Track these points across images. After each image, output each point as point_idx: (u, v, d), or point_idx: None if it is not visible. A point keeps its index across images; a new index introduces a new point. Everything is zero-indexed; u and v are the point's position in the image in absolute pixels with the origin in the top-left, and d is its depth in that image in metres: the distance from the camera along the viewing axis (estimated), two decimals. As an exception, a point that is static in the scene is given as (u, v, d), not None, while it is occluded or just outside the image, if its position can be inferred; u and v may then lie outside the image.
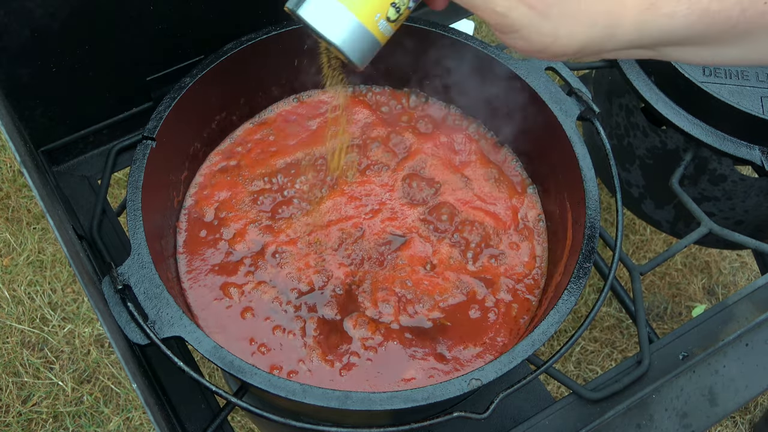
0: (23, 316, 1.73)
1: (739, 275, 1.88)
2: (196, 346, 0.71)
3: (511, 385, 0.75)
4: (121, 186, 1.87)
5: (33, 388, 1.65)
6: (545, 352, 1.68)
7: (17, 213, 1.87)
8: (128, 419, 1.63)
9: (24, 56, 0.89)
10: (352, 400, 0.69)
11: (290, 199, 0.95)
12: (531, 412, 0.89)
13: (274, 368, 0.82)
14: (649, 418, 0.88)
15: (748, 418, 1.70)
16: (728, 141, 1.08)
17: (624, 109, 1.28)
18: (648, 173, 1.31)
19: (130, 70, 0.99)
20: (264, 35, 0.92)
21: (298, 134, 1.00)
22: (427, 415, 0.72)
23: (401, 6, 0.62)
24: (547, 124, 0.90)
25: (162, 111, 0.86)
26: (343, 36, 0.62)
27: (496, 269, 0.91)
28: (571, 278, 0.78)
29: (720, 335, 0.93)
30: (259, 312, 0.86)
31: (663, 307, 1.82)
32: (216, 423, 0.84)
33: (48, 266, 1.79)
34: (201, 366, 1.63)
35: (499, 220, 0.94)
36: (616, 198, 0.86)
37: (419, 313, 0.86)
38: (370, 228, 0.92)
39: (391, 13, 0.62)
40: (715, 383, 0.91)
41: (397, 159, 0.98)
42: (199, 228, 0.92)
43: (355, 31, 0.62)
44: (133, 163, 0.82)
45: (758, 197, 1.21)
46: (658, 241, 1.90)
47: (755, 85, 1.11)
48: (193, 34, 0.99)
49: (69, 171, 1.04)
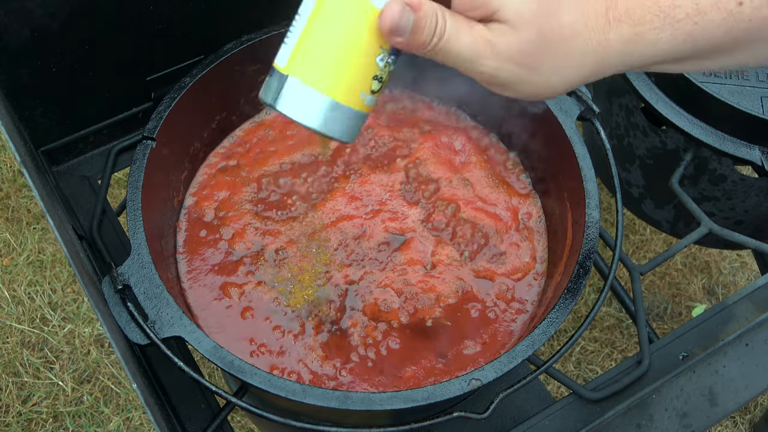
0: (23, 316, 1.73)
1: (739, 275, 1.88)
2: (196, 346, 0.71)
3: (511, 385, 0.75)
4: (121, 186, 1.87)
5: (33, 388, 1.65)
6: (545, 352, 1.68)
7: (17, 213, 1.87)
8: (128, 419, 1.63)
9: (24, 56, 0.89)
10: (352, 400, 0.69)
11: (290, 199, 0.95)
12: (531, 412, 0.89)
13: (274, 368, 0.82)
14: (649, 418, 0.88)
15: (748, 418, 1.70)
16: (728, 141, 1.08)
17: (624, 109, 1.28)
18: (648, 173, 1.31)
19: (130, 70, 0.99)
20: (264, 35, 0.92)
21: (298, 134, 1.00)
22: (427, 415, 0.72)
23: (383, 75, 0.60)
24: (547, 124, 0.90)
25: (162, 111, 0.86)
26: (330, 123, 0.60)
27: (496, 269, 0.91)
28: (571, 278, 0.78)
29: (720, 335, 0.93)
30: (259, 312, 0.86)
31: (663, 307, 1.82)
32: (216, 423, 0.84)
33: (48, 266, 1.79)
34: (201, 366, 1.63)
35: (498, 220, 0.94)
36: (616, 198, 0.86)
37: (419, 313, 0.86)
38: (370, 228, 0.92)
39: (375, 85, 0.60)
40: (715, 383, 0.91)
41: (398, 159, 0.98)
42: (199, 228, 0.92)
43: (341, 114, 0.60)
44: (133, 163, 0.82)
45: (758, 197, 1.21)
46: (658, 241, 1.90)
47: (755, 85, 1.11)
48: (193, 34, 0.99)
49: (69, 171, 1.04)
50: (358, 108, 0.60)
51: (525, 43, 0.55)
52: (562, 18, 0.55)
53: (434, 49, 0.55)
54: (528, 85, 0.57)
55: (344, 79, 0.58)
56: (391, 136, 1.00)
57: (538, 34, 0.55)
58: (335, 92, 0.58)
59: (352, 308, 0.87)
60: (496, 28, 0.55)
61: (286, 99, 0.59)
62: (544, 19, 0.55)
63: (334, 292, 0.88)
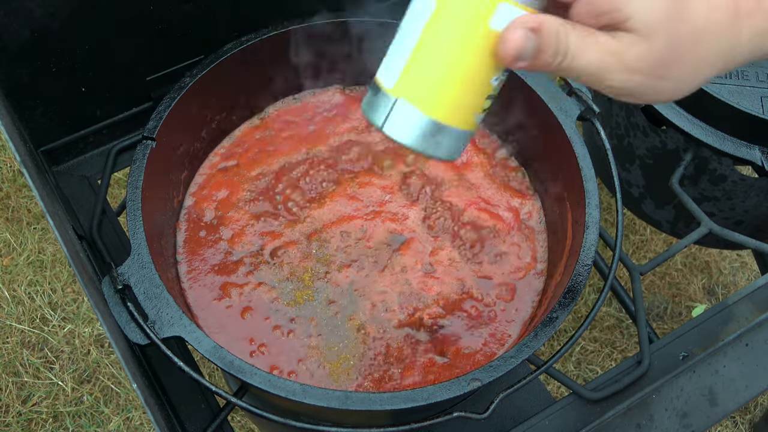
0: (23, 316, 1.73)
1: (739, 275, 1.88)
2: (196, 346, 0.71)
3: (511, 385, 0.75)
4: (121, 186, 1.87)
5: (33, 388, 1.65)
6: (545, 352, 1.68)
7: (17, 213, 1.87)
8: (128, 419, 1.63)
9: (24, 56, 0.89)
10: (352, 400, 0.69)
11: (290, 199, 0.94)
12: (531, 412, 0.89)
13: (274, 368, 0.82)
14: (649, 418, 0.88)
15: (748, 418, 1.70)
16: (728, 141, 1.08)
17: (624, 109, 1.28)
18: (648, 173, 1.31)
19: (130, 70, 0.99)
20: (264, 35, 0.92)
21: (298, 134, 1.00)
22: (427, 415, 0.72)
23: (496, 93, 0.56)
24: (547, 124, 0.90)
25: (162, 111, 0.86)
26: (443, 148, 0.57)
27: (496, 269, 0.91)
28: (571, 278, 0.78)
29: (720, 335, 0.93)
30: (259, 312, 0.86)
31: (663, 307, 1.82)
32: (216, 423, 0.84)
33: (48, 266, 1.79)
34: (201, 366, 1.63)
35: (499, 220, 0.94)
36: (616, 198, 0.86)
37: (418, 313, 0.86)
38: (370, 228, 0.92)
39: (486, 104, 0.57)
40: (715, 383, 0.91)
41: (398, 160, 0.98)
42: (199, 228, 0.92)
43: (454, 138, 0.57)
44: (133, 163, 0.82)
45: (758, 197, 1.21)
46: (658, 241, 1.90)
47: (755, 85, 1.11)
48: (193, 34, 0.99)
49: (69, 171, 1.04)
50: (470, 128, 0.58)
51: (655, 53, 0.52)
52: (690, 19, 0.52)
53: (558, 67, 0.52)
54: (656, 92, 0.54)
55: (460, 105, 0.56)
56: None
57: (669, 42, 0.52)
58: (451, 118, 0.56)
59: (352, 308, 0.87)
60: (624, 39, 0.51)
61: (396, 123, 0.56)
62: (674, 23, 0.51)
63: (334, 293, 0.88)
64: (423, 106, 0.55)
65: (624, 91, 0.54)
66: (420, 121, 0.56)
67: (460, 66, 0.54)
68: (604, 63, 0.52)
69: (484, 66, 0.54)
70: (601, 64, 0.52)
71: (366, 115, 0.59)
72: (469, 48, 0.53)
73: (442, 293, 0.88)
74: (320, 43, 0.95)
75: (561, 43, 0.51)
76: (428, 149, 0.57)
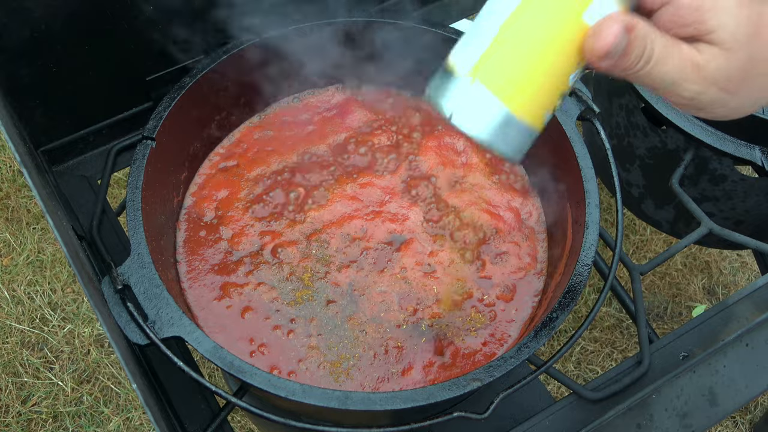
0: (23, 316, 1.73)
1: (739, 275, 1.88)
2: (196, 346, 0.71)
3: (511, 385, 0.75)
4: (121, 186, 1.87)
5: (33, 388, 1.65)
6: (545, 352, 1.68)
7: (17, 213, 1.87)
8: (128, 419, 1.62)
9: (24, 56, 0.89)
10: (352, 400, 0.69)
11: (290, 199, 0.94)
12: (531, 412, 0.89)
13: (274, 368, 0.82)
14: (649, 418, 0.88)
15: (748, 418, 1.70)
16: (728, 141, 1.08)
17: (624, 109, 1.28)
18: (648, 173, 1.31)
19: (130, 70, 0.99)
20: (264, 35, 0.92)
21: (297, 134, 1.00)
22: (427, 415, 0.72)
23: (568, 92, 0.53)
24: (547, 124, 0.90)
25: (162, 111, 0.86)
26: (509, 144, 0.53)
27: (496, 269, 0.91)
28: (571, 278, 0.78)
29: (720, 335, 0.93)
30: (259, 312, 0.86)
31: (663, 307, 1.82)
32: (216, 423, 0.84)
33: (48, 266, 1.79)
34: (201, 366, 1.63)
35: (499, 220, 0.94)
36: (616, 198, 0.86)
37: (419, 313, 0.86)
38: (370, 228, 0.92)
39: (558, 102, 0.54)
40: (715, 383, 0.91)
41: (399, 160, 0.98)
42: (199, 228, 0.92)
43: (523, 135, 0.53)
44: (132, 163, 0.82)
45: (758, 197, 1.21)
46: (658, 241, 1.90)
47: (755, 85, 1.10)
48: (193, 34, 0.99)
49: (69, 171, 1.04)
50: (538, 128, 0.54)
51: (732, 68, 0.51)
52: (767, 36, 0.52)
53: (638, 72, 0.51)
54: (722, 107, 0.54)
55: (538, 99, 0.52)
56: (392, 137, 1.00)
57: (748, 58, 0.51)
58: (527, 112, 0.52)
59: (352, 308, 0.87)
60: (706, 51, 0.51)
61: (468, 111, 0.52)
62: (754, 41, 0.51)
63: (333, 293, 0.88)
64: (502, 95, 0.51)
65: (694, 103, 0.53)
66: (495, 111, 0.51)
67: (547, 56, 0.51)
68: (684, 73, 0.51)
69: (568, 60, 0.51)
70: (681, 73, 0.51)
71: (432, 100, 0.54)
72: (559, 38, 0.50)
73: (442, 293, 0.88)
74: (320, 43, 0.95)
75: (647, 48, 0.50)
76: (497, 143, 0.53)
